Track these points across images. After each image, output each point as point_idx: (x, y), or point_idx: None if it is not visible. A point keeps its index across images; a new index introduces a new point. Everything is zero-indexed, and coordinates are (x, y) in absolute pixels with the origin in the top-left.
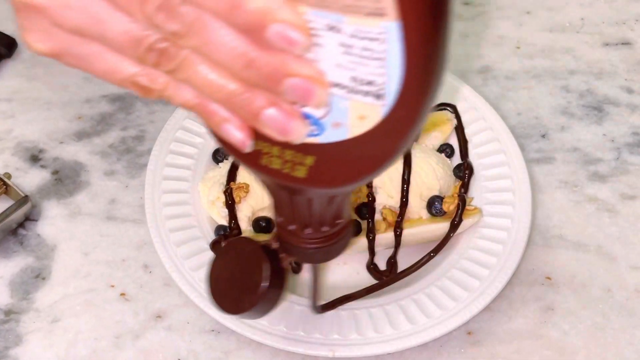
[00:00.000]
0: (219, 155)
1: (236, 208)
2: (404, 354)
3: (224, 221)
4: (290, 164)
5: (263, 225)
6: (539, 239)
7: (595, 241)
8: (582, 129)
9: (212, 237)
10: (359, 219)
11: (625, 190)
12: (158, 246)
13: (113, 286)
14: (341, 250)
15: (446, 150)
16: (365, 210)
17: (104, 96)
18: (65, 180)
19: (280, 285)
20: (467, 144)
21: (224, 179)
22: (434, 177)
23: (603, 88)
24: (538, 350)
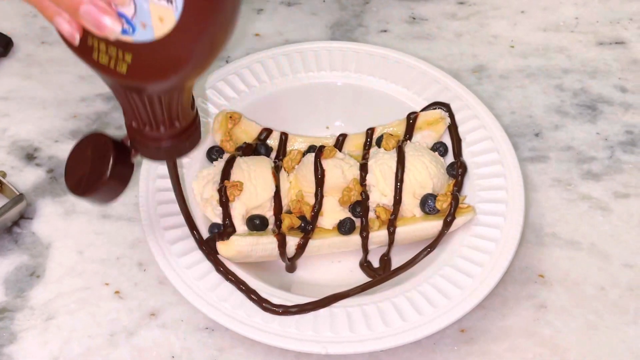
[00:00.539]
0: (213, 153)
1: (230, 206)
2: (397, 351)
3: (218, 219)
4: (114, 60)
5: (257, 223)
6: (532, 237)
7: (588, 239)
8: (576, 128)
9: (206, 235)
10: (352, 217)
11: (619, 188)
12: (152, 244)
13: (107, 284)
14: (184, 151)
15: (440, 148)
16: (358, 208)
17: (99, 95)
18: (60, 178)
19: (124, 178)
20: (461, 143)
21: (218, 177)
22: (428, 176)
23: (597, 87)
24: (531, 347)
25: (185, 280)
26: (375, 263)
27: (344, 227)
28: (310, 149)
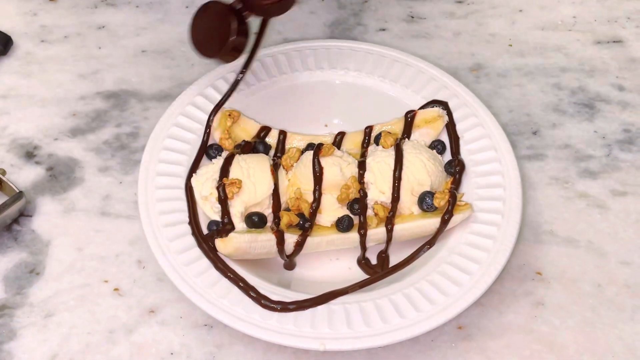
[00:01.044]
0: (212, 151)
1: (229, 204)
2: (395, 348)
3: (217, 216)
4: None
5: (256, 221)
6: (529, 234)
7: (585, 237)
8: (574, 126)
9: (205, 232)
10: (350, 215)
11: (616, 186)
12: (151, 241)
13: (107, 281)
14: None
15: (438, 146)
16: (357, 205)
17: (99, 93)
18: (60, 176)
19: (244, 36)
20: (459, 141)
21: (217, 175)
22: (425, 173)
23: (594, 85)
24: (528, 344)
25: (184, 277)
26: (373, 260)
27: (342, 225)
28: (309, 146)
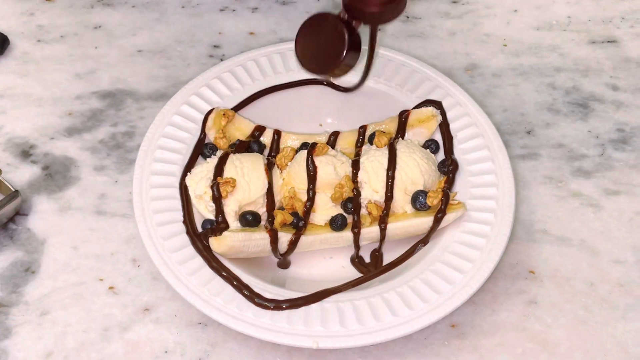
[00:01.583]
0: (206, 150)
1: (223, 202)
2: (388, 345)
3: (211, 215)
4: None
5: (249, 219)
6: (523, 233)
7: (578, 236)
8: (568, 126)
9: (200, 231)
10: (344, 214)
11: (610, 185)
12: (145, 240)
13: (102, 280)
14: (396, 10)
15: (431, 146)
16: (350, 204)
17: (95, 93)
18: (56, 175)
19: (357, 48)
20: (452, 140)
21: (211, 174)
22: (419, 172)
23: (589, 85)
24: (521, 342)
25: (177, 275)
26: (366, 259)
27: (336, 223)
28: (303, 146)
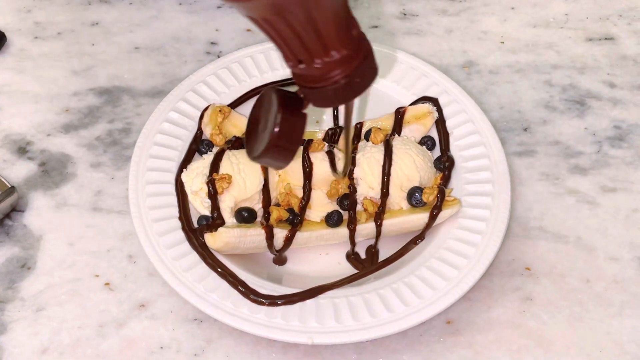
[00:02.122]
0: (202, 146)
1: (219, 199)
2: (383, 342)
3: (207, 211)
4: None
5: (245, 216)
6: (519, 230)
7: (574, 233)
8: (564, 123)
9: (195, 227)
10: (340, 210)
11: (606, 182)
12: (141, 236)
13: (98, 276)
14: (354, 90)
15: (427, 142)
16: (346, 201)
17: (91, 89)
18: (52, 171)
19: (294, 131)
20: (448, 137)
21: (207, 170)
22: (415, 169)
23: (585, 82)
24: (516, 339)
25: (173, 271)
26: (362, 255)
27: (332, 220)
28: None
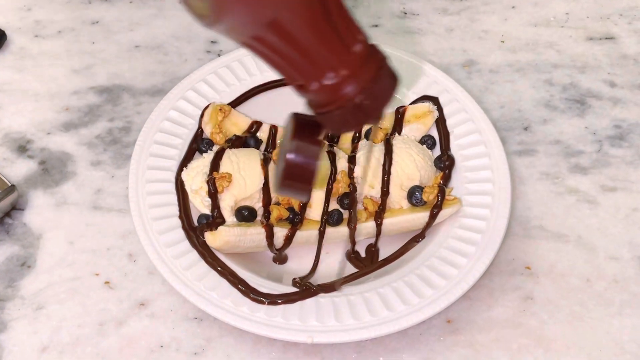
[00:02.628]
0: (202, 145)
1: (219, 197)
2: (383, 340)
3: (207, 210)
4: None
5: (245, 214)
6: (519, 229)
7: (575, 232)
8: (565, 122)
9: (195, 226)
10: (340, 209)
11: (606, 182)
12: (141, 234)
13: (97, 274)
14: (378, 106)
15: (428, 141)
16: (346, 200)
17: (92, 88)
18: (52, 170)
19: (311, 156)
20: (449, 136)
21: (208, 169)
22: (415, 168)
23: (586, 82)
24: (517, 338)
25: (173, 270)
26: (362, 254)
27: (332, 219)
28: None
